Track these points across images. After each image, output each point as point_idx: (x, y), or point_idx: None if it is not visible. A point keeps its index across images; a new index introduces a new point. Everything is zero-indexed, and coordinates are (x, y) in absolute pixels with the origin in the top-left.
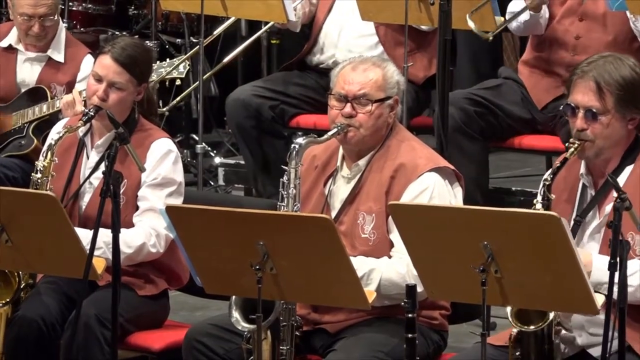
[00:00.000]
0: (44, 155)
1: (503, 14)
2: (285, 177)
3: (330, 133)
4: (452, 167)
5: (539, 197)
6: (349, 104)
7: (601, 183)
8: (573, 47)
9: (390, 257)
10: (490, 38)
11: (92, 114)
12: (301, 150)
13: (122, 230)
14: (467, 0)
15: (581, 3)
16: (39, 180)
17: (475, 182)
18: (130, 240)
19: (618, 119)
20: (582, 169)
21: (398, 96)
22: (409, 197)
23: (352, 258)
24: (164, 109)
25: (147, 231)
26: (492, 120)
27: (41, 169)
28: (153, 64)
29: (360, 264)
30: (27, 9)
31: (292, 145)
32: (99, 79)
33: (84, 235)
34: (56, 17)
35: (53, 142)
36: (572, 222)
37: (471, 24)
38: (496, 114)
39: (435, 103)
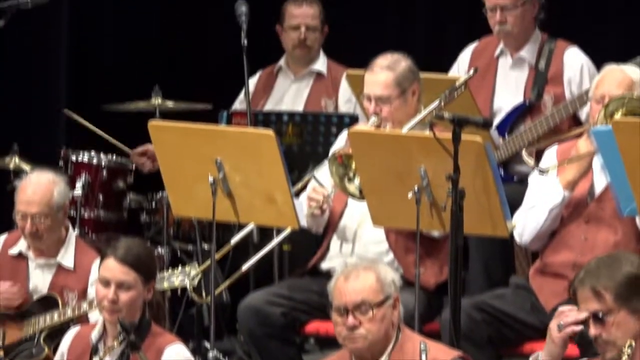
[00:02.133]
0: None
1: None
2: None
3: None
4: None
5: None
6: (350, 316)
7: None
8: (580, 249)
9: None
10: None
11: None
12: None
13: None
14: (479, 204)
15: (586, 205)
16: None
17: None
18: None
19: (628, 314)
20: None
21: (397, 293)
22: None
23: None
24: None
25: None
26: (500, 327)
27: None
28: (162, 271)
29: None
30: (19, 206)
31: None
32: (106, 283)
33: None
34: (53, 221)
35: None
36: None
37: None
38: (505, 321)
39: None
